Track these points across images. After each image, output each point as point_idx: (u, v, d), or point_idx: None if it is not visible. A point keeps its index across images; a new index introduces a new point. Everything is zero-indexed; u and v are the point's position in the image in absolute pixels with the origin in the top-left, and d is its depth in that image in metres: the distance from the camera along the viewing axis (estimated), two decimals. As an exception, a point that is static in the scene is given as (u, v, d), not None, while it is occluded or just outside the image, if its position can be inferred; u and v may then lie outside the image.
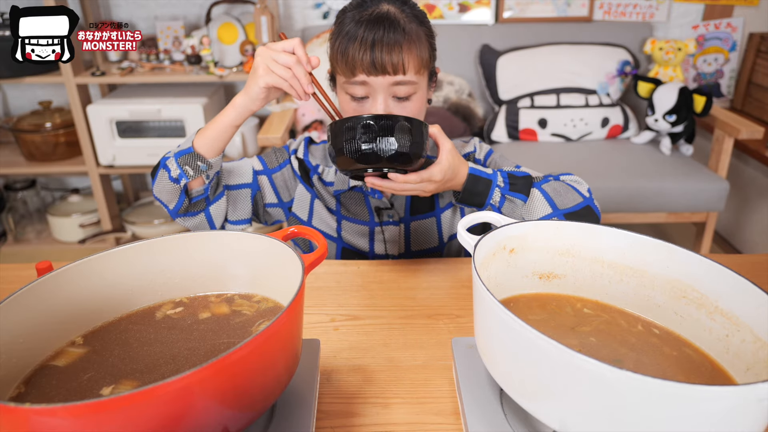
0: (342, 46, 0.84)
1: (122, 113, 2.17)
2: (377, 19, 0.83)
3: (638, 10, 2.46)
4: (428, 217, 1.02)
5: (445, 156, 0.85)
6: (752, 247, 2.33)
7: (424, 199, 1.01)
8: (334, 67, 0.90)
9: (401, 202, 1.00)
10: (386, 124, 0.78)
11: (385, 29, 0.83)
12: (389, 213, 1.00)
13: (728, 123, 1.97)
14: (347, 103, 0.89)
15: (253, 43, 2.24)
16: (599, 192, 1.98)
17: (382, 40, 0.82)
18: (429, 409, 0.65)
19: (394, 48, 0.83)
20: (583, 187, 0.95)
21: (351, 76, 0.85)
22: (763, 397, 0.41)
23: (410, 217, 1.01)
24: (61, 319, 0.57)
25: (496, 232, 0.62)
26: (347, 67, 0.85)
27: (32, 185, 2.59)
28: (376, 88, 0.86)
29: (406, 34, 0.84)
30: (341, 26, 0.86)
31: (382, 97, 0.86)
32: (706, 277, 0.58)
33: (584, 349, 0.59)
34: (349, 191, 1.00)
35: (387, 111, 0.87)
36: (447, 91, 2.32)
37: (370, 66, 0.83)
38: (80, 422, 0.39)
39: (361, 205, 1.01)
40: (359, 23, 0.84)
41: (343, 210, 1.02)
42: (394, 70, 0.84)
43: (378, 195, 0.98)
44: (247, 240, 0.63)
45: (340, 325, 0.81)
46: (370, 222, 1.01)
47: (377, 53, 0.82)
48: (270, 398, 0.52)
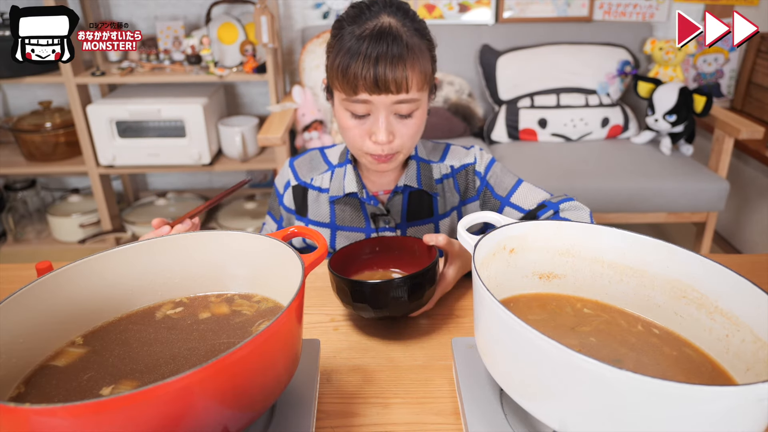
0: (343, 63, 0.81)
1: (122, 113, 2.17)
2: (379, 35, 0.80)
3: (638, 10, 2.46)
4: (426, 223, 1.00)
5: (451, 273, 0.84)
6: (752, 247, 2.33)
7: (422, 205, 0.99)
8: (332, 83, 0.87)
9: (397, 208, 0.99)
10: (404, 289, 0.74)
11: (389, 45, 0.80)
12: (385, 219, 0.99)
13: (728, 123, 1.97)
14: (347, 119, 0.87)
15: (253, 43, 2.24)
16: (599, 192, 1.98)
17: (385, 57, 0.79)
18: (429, 409, 0.65)
19: (398, 66, 0.80)
20: (585, 215, 0.93)
21: (352, 94, 0.83)
22: (763, 397, 0.41)
23: (407, 223, 1.00)
24: (61, 319, 0.57)
25: (496, 232, 0.62)
26: (348, 85, 0.82)
27: (32, 185, 2.59)
28: (378, 106, 0.83)
29: (409, 49, 0.81)
30: (340, 42, 0.83)
31: (384, 115, 0.84)
32: (706, 277, 0.58)
33: (584, 349, 0.59)
34: (345, 197, 0.98)
35: (389, 129, 0.85)
36: (447, 91, 2.32)
37: (373, 85, 0.81)
38: (80, 422, 0.39)
39: (356, 212, 1.00)
40: (360, 39, 0.81)
41: (337, 219, 1.00)
42: (398, 89, 0.81)
43: (374, 202, 0.97)
44: (247, 240, 0.63)
45: (340, 325, 0.81)
46: (366, 228, 1.00)
47: (380, 71, 0.80)
48: (270, 398, 0.52)
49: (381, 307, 0.74)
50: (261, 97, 2.62)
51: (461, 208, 1.02)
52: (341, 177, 0.98)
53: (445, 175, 1.00)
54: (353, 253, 0.85)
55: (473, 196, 1.02)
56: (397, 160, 0.91)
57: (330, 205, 1.00)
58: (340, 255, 0.83)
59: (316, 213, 1.01)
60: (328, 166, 1.01)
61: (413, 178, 0.97)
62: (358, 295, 0.74)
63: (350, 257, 0.85)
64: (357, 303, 0.75)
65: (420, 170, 0.98)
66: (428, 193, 0.98)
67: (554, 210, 0.93)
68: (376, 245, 0.87)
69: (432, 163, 1.00)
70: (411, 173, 0.97)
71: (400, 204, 0.99)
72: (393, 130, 0.86)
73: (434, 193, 0.99)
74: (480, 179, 1.01)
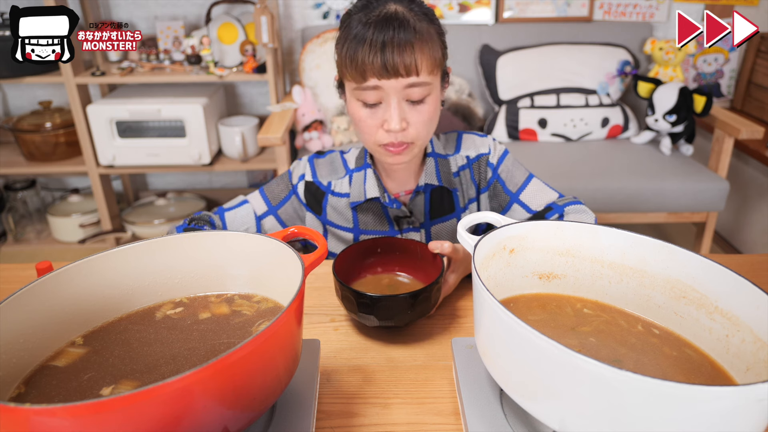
0: (350, 50, 0.81)
1: (122, 113, 2.17)
2: (386, 19, 0.80)
3: (638, 10, 2.46)
4: (449, 219, 1.00)
5: (452, 279, 0.84)
6: (752, 247, 2.33)
7: (443, 201, 0.98)
8: (342, 74, 0.86)
9: (420, 208, 0.98)
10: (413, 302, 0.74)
11: (395, 29, 0.79)
12: (409, 220, 0.98)
13: (728, 123, 1.97)
14: (359, 110, 0.86)
15: (253, 43, 2.24)
16: (599, 192, 1.98)
17: (392, 41, 0.79)
18: (429, 409, 0.65)
19: (406, 48, 0.79)
20: (589, 219, 0.92)
21: (362, 80, 0.82)
22: (763, 398, 0.41)
23: (430, 222, 0.99)
24: (61, 319, 0.57)
25: (496, 232, 0.62)
26: (357, 72, 0.81)
27: (32, 185, 2.59)
28: (388, 92, 0.82)
29: (417, 32, 0.80)
30: (347, 30, 0.83)
31: (396, 101, 0.83)
32: (706, 277, 0.58)
33: (584, 349, 0.59)
34: (366, 202, 0.97)
35: (401, 116, 0.84)
36: (447, 91, 2.32)
37: (382, 69, 0.80)
38: (80, 422, 0.39)
39: (379, 215, 0.98)
40: (367, 25, 0.80)
41: (360, 224, 0.99)
42: (407, 72, 0.80)
43: (397, 205, 0.96)
44: (248, 240, 0.63)
45: (340, 325, 0.81)
46: (390, 231, 0.99)
47: (388, 55, 0.79)
48: (270, 398, 0.52)
49: (387, 318, 0.74)
50: (261, 97, 2.62)
51: (478, 197, 1.02)
52: (361, 181, 0.96)
53: (462, 166, 0.99)
54: (355, 255, 0.85)
55: (485, 187, 1.01)
56: (412, 152, 0.89)
57: (352, 211, 0.99)
58: (342, 258, 0.82)
59: (336, 218, 1.00)
60: (346, 171, 1.00)
61: (433, 176, 0.95)
62: (364, 307, 0.74)
63: (353, 260, 0.84)
64: (363, 313, 0.75)
65: (438, 166, 0.97)
66: (448, 189, 0.98)
67: (559, 214, 0.93)
68: (378, 247, 0.87)
69: (448, 157, 0.99)
70: (430, 171, 0.96)
71: (422, 203, 0.98)
72: (406, 117, 0.85)
73: (454, 189, 0.98)
74: (492, 170, 0.99)
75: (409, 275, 0.86)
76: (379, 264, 0.87)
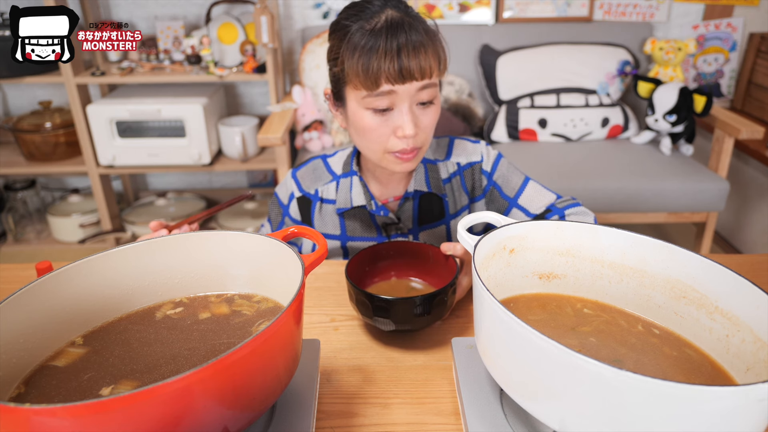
0: (363, 60, 0.79)
1: (122, 113, 2.17)
2: (393, 25, 0.79)
3: (638, 10, 2.46)
4: (438, 225, 0.99)
5: (465, 282, 0.83)
6: (752, 247, 2.33)
7: (432, 208, 0.98)
8: (346, 84, 0.84)
9: (408, 214, 0.97)
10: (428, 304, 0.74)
11: (407, 33, 0.79)
12: (397, 227, 0.98)
13: (728, 123, 1.97)
14: (368, 118, 0.84)
15: (253, 43, 2.24)
16: (599, 192, 1.98)
17: (407, 45, 0.78)
18: (429, 409, 0.65)
19: (420, 51, 0.79)
20: (590, 221, 0.92)
21: (375, 88, 0.80)
22: (763, 398, 0.41)
23: (419, 228, 0.98)
24: (61, 319, 0.57)
25: (496, 232, 0.62)
26: (369, 80, 0.80)
27: (32, 185, 2.59)
28: (401, 96, 0.82)
29: (427, 34, 0.81)
30: (350, 41, 0.81)
31: (407, 106, 0.82)
32: (706, 277, 0.58)
33: (584, 349, 0.59)
34: (353, 209, 0.97)
35: (414, 121, 0.83)
36: (447, 91, 2.32)
37: (398, 74, 0.79)
38: (80, 422, 0.39)
39: (366, 222, 0.98)
40: (374, 33, 0.79)
41: (348, 231, 0.98)
42: (422, 75, 0.80)
43: (384, 212, 0.95)
44: (248, 240, 0.63)
45: (340, 325, 0.81)
46: (378, 238, 0.98)
47: (404, 60, 0.78)
48: (270, 398, 0.52)
49: (404, 322, 0.74)
50: (261, 97, 2.62)
51: (471, 206, 1.01)
52: (347, 188, 0.96)
53: (453, 173, 0.99)
54: (368, 259, 0.84)
55: (480, 195, 1.01)
56: (419, 158, 0.89)
57: (339, 217, 0.99)
58: (355, 262, 0.81)
59: (322, 225, 1.00)
60: (332, 176, 0.99)
61: (422, 182, 0.95)
62: (380, 311, 0.73)
63: (365, 264, 0.83)
64: (378, 317, 0.74)
65: (428, 172, 0.96)
66: (437, 195, 0.97)
67: (560, 216, 0.92)
68: (390, 250, 0.85)
69: (438, 162, 0.98)
70: (420, 177, 0.95)
71: (410, 209, 0.97)
72: (417, 119, 0.84)
73: (443, 195, 0.97)
74: (487, 178, 0.99)
75: (423, 280, 0.85)
76: (392, 268, 0.86)
